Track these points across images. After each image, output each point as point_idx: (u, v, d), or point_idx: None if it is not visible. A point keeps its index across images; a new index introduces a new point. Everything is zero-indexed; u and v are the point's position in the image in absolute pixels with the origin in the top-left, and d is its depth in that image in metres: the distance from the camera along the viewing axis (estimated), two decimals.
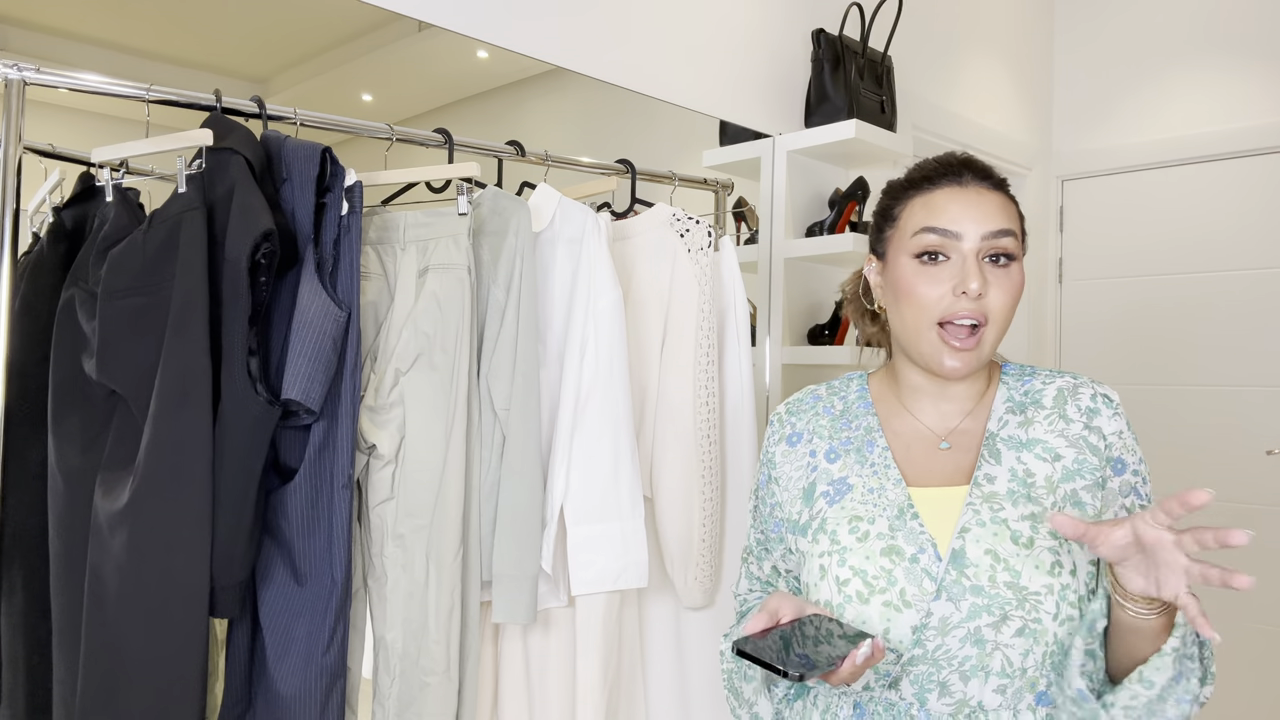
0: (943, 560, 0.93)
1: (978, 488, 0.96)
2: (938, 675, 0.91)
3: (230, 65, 1.55)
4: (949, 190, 0.97)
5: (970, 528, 0.93)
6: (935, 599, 0.91)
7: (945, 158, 1.01)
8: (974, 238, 0.94)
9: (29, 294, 1.25)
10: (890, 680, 0.93)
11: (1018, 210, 1.00)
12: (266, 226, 1.14)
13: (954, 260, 0.95)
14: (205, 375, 1.14)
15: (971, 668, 0.91)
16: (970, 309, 0.94)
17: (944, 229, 0.95)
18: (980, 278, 0.93)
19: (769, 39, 2.23)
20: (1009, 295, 0.95)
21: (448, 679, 1.30)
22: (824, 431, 1.07)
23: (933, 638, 0.91)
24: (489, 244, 1.41)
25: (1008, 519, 0.94)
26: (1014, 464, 0.97)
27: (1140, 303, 3.19)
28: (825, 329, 2.27)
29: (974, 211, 0.95)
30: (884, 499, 0.98)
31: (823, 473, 1.04)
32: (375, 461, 1.34)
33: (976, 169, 0.99)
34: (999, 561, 0.91)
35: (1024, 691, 0.91)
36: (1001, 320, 0.95)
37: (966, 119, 2.87)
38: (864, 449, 1.03)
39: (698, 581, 1.60)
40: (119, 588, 1.12)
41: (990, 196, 0.97)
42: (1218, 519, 2.98)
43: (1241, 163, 2.99)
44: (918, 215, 0.98)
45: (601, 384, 1.44)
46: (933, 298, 0.95)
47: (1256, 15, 2.96)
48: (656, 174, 1.80)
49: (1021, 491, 0.95)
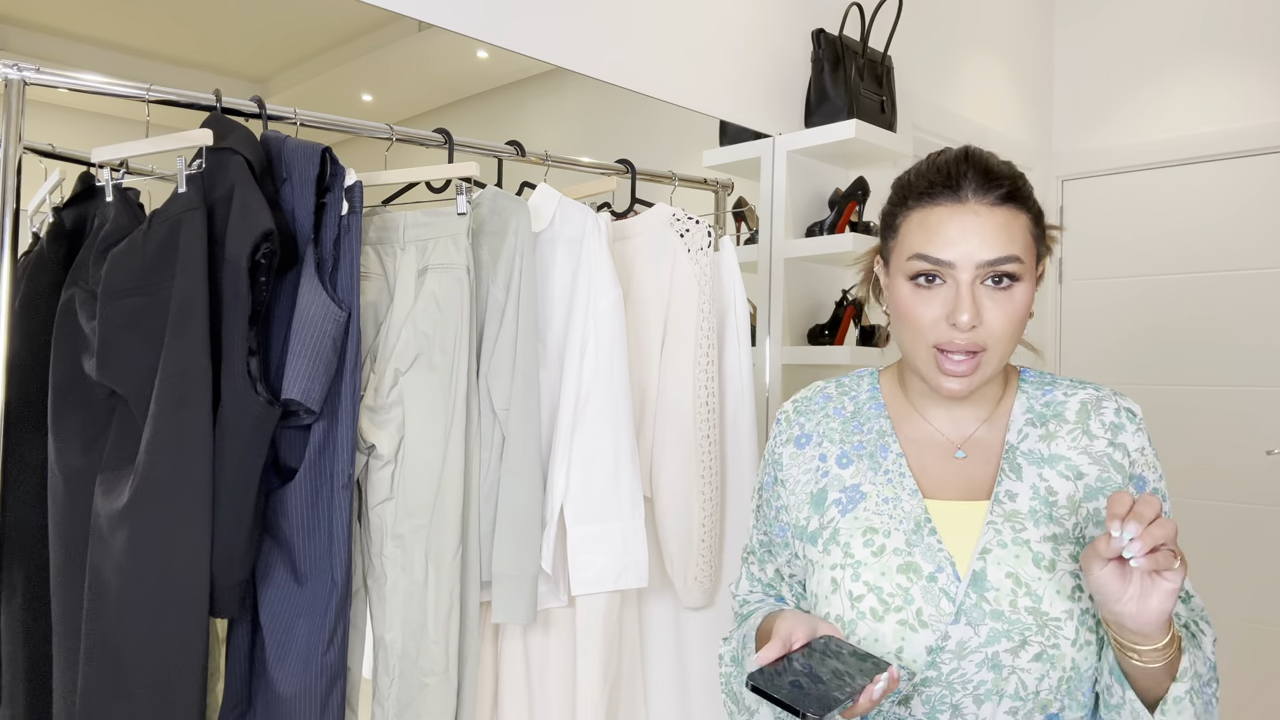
0: (962, 581, 0.90)
1: (999, 505, 0.93)
2: (951, 698, 0.89)
3: (230, 65, 1.55)
4: (946, 209, 0.90)
5: (991, 549, 0.90)
6: (954, 622, 0.88)
7: (948, 162, 0.93)
8: (969, 267, 0.89)
9: (29, 294, 1.25)
10: (901, 697, 0.91)
11: (1029, 218, 0.92)
12: (266, 226, 1.14)
13: (949, 285, 0.90)
14: (205, 375, 1.14)
15: (986, 691, 0.88)
16: (964, 340, 0.89)
17: (936, 258, 0.89)
18: (973, 309, 0.88)
19: (769, 39, 2.23)
20: (1008, 319, 0.90)
21: (446, 679, 1.30)
22: (835, 435, 1.03)
23: (949, 661, 0.89)
24: (488, 244, 1.41)
25: (1029, 540, 0.90)
26: (1035, 480, 0.94)
27: (1140, 302, 3.19)
28: (825, 329, 2.27)
29: (971, 237, 0.89)
30: (900, 510, 0.95)
31: (834, 479, 1.00)
32: (374, 461, 1.34)
33: (978, 178, 0.91)
34: (1020, 585, 0.88)
35: (1035, 713, 0.89)
36: (1002, 343, 0.91)
37: (966, 119, 2.87)
38: (877, 454, 1.00)
39: (697, 582, 1.60)
40: (119, 588, 1.12)
41: (991, 216, 0.89)
42: (1218, 519, 2.98)
43: (1241, 163, 2.99)
44: (914, 236, 0.92)
45: (601, 384, 1.44)
46: (927, 322, 0.91)
47: (1256, 15, 2.96)
48: (656, 174, 1.80)
49: (1043, 511, 0.92)
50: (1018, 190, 0.92)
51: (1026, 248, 0.91)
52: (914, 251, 0.92)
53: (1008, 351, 0.92)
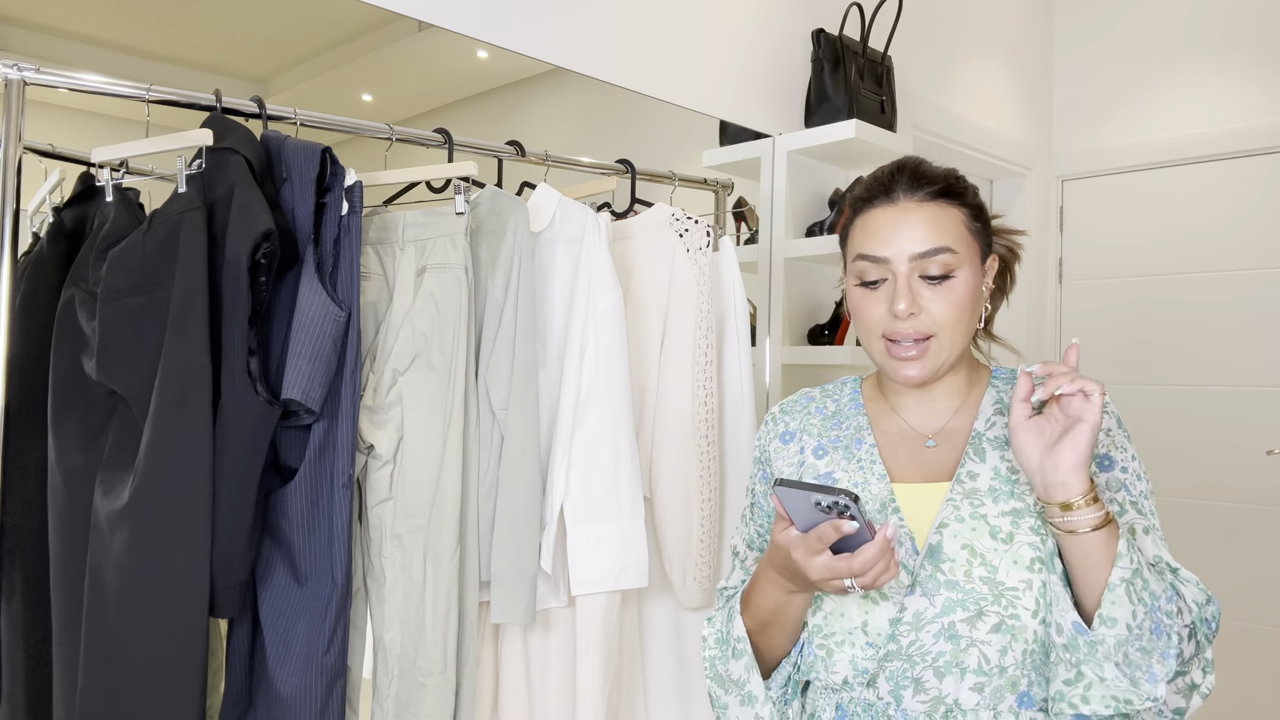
0: (919, 554, 0.94)
1: (959, 484, 0.97)
2: (912, 671, 0.92)
3: (230, 65, 1.55)
4: (880, 210, 0.98)
5: (949, 523, 0.94)
6: (910, 593, 0.92)
7: (884, 171, 1.00)
8: (902, 259, 0.95)
9: (29, 294, 1.25)
10: (869, 678, 0.94)
11: (965, 212, 0.98)
12: (266, 226, 1.14)
13: (889, 282, 0.96)
14: (205, 375, 1.14)
15: (946, 664, 0.91)
16: (909, 328, 0.95)
17: (873, 255, 0.96)
18: (909, 298, 0.94)
19: (769, 39, 2.23)
20: (950, 306, 0.95)
21: (444, 680, 1.30)
22: (814, 430, 1.08)
23: (907, 632, 0.92)
24: (487, 244, 1.41)
25: (987, 515, 0.94)
26: (997, 462, 0.98)
27: (1140, 302, 3.19)
28: (825, 329, 2.27)
29: (902, 233, 0.95)
30: (867, 493, 0.99)
31: (809, 467, 1.05)
32: (374, 461, 1.34)
33: (909, 179, 0.97)
34: (975, 556, 0.92)
35: (1004, 691, 0.91)
36: (949, 329, 0.95)
37: (966, 119, 2.87)
38: (852, 446, 1.04)
39: (697, 582, 1.60)
40: (119, 587, 1.12)
41: (920, 212, 0.96)
42: (1218, 519, 2.98)
43: (1241, 163, 2.99)
44: (856, 239, 1.00)
45: (601, 384, 1.44)
46: (874, 318, 0.97)
47: (1255, 16, 2.96)
48: (656, 174, 1.80)
49: (1004, 489, 0.96)
50: (949, 187, 0.98)
51: (960, 239, 0.97)
52: (856, 253, 0.99)
53: (958, 338, 0.97)
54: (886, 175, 0.99)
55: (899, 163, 1.00)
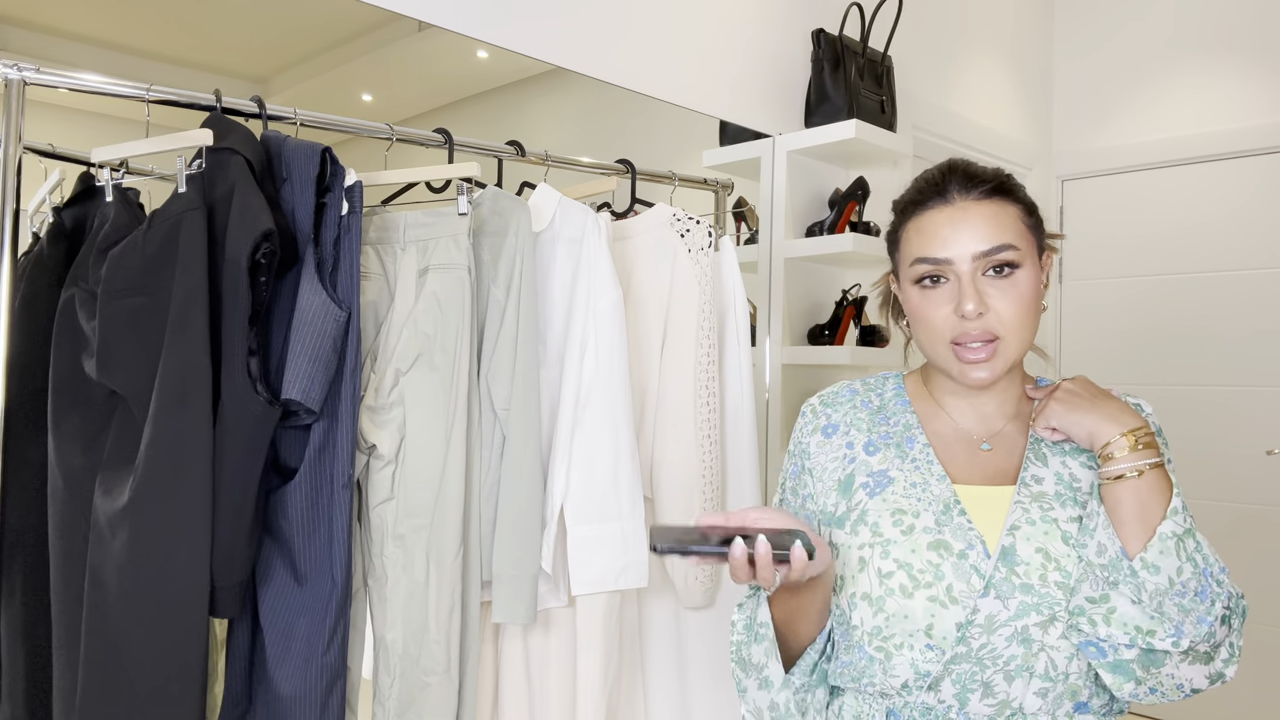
0: (991, 557, 0.92)
1: (1025, 487, 0.95)
2: (981, 675, 0.90)
3: (230, 65, 1.55)
4: (936, 211, 0.96)
5: (1020, 525, 0.93)
6: (983, 595, 0.90)
7: (933, 172, 0.99)
8: (965, 259, 0.94)
9: (29, 294, 1.25)
10: (930, 681, 0.92)
11: (1020, 209, 0.97)
12: (266, 226, 1.14)
13: (952, 282, 0.95)
14: (205, 375, 1.14)
15: (1016, 668, 0.90)
16: (977, 329, 0.94)
17: (934, 257, 0.95)
18: (976, 298, 0.93)
19: (769, 39, 2.23)
20: (1015, 304, 0.94)
21: (448, 679, 1.30)
22: (862, 424, 1.05)
23: (978, 635, 0.90)
24: (489, 244, 1.41)
25: (1058, 519, 0.93)
26: (1059, 468, 0.97)
27: (1140, 302, 3.19)
28: (825, 329, 2.27)
29: (963, 232, 0.94)
30: (928, 494, 0.97)
31: (861, 464, 1.02)
32: (375, 461, 1.34)
33: (962, 179, 0.96)
34: (1050, 560, 0.90)
35: (1064, 699, 0.90)
36: (1016, 329, 0.94)
37: (966, 119, 2.87)
38: (904, 444, 1.02)
39: (698, 581, 1.60)
40: (119, 588, 1.12)
41: (979, 210, 0.95)
42: (1218, 519, 2.98)
43: (1241, 163, 2.99)
44: (913, 243, 0.98)
45: (602, 384, 1.44)
46: (938, 320, 0.95)
47: (1255, 16, 2.96)
48: (656, 174, 1.80)
49: (1068, 495, 0.95)
50: (1002, 185, 0.97)
51: (1020, 235, 0.96)
52: (915, 256, 0.97)
53: (1024, 338, 0.96)
54: (938, 175, 0.98)
55: (948, 163, 0.99)
